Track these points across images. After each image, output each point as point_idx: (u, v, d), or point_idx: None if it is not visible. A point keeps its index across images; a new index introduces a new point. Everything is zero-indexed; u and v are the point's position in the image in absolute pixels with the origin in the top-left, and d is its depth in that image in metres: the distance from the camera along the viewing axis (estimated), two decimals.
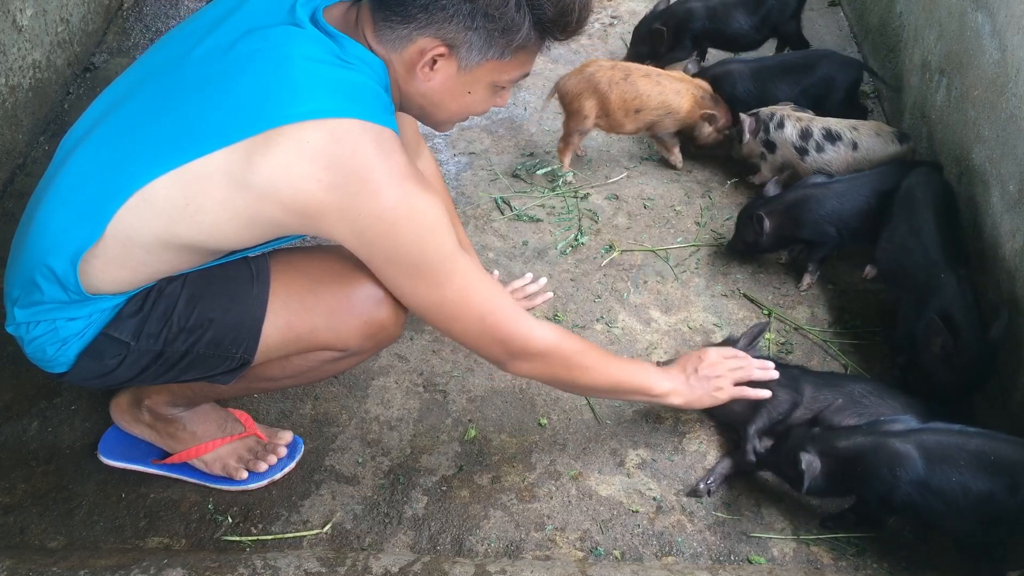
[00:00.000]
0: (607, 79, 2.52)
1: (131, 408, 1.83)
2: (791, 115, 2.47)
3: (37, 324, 1.48)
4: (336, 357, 1.64)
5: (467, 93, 1.48)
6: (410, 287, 1.48)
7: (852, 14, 3.38)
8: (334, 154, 1.32)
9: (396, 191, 1.36)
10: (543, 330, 1.59)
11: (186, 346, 1.51)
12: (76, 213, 1.40)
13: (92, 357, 1.51)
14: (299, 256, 1.64)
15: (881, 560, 1.73)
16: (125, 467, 1.86)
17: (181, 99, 1.38)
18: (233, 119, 1.33)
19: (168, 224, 1.38)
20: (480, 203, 2.59)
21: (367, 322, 1.58)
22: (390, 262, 1.45)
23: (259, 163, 1.32)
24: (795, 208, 2.26)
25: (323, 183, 1.32)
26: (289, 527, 1.77)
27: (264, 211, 1.36)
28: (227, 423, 1.86)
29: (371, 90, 1.40)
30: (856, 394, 1.85)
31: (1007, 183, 2.02)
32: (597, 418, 2.00)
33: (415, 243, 1.42)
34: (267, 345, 1.55)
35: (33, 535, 1.75)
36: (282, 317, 1.54)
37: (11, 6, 2.58)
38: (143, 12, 3.41)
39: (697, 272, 2.39)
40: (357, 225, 1.37)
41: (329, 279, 1.57)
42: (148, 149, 1.37)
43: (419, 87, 1.47)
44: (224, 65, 1.38)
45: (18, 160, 2.64)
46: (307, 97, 1.32)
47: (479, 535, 1.76)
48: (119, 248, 1.40)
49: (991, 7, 2.14)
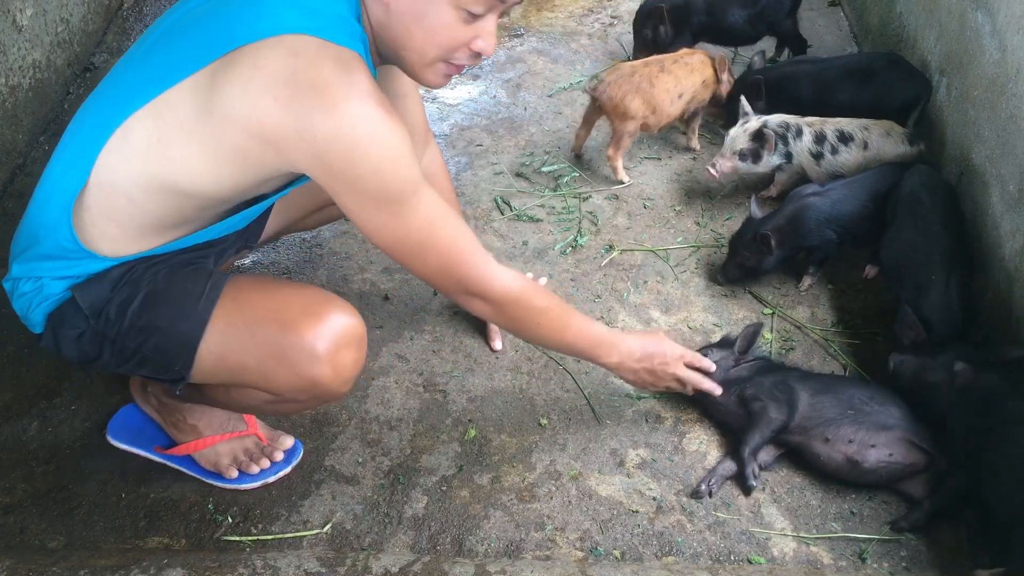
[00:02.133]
0: (647, 75, 2.56)
1: (141, 389, 1.86)
2: (803, 122, 2.43)
3: (27, 280, 1.50)
4: (272, 400, 1.60)
5: (427, 12, 1.39)
6: (372, 218, 1.43)
7: (852, 14, 3.38)
8: (291, 69, 1.29)
9: (355, 108, 1.30)
10: (505, 278, 1.58)
11: (135, 344, 1.51)
12: (66, 160, 1.43)
13: (56, 320, 1.52)
14: (254, 288, 1.57)
15: (881, 560, 1.73)
16: (128, 450, 1.87)
17: (166, 42, 1.41)
18: (201, 47, 1.34)
19: (144, 164, 1.38)
20: (480, 203, 2.59)
21: (299, 376, 1.50)
22: (352, 190, 1.38)
23: (220, 84, 1.31)
24: (796, 220, 2.24)
25: (280, 100, 1.29)
26: (289, 527, 1.77)
27: (228, 138, 1.34)
28: (231, 419, 1.85)
29: (337, 14, 1.37)
30: (856, 400, 1.85)
31: (1007, 183, 2.02)
32: (597, 418, 2.00)
33: (377, 170, 1.36)
34: (201, 368, 1.52)
35: (33, 535, 1.75)
36: (217, 346, 1.50)
37: (11, 6, 2.58)
38: (143, 12, 3.41)
39: (697, 272, 2.39)
40: (316, 148, 1.31)
41: (268, 323, 1.50)
42: (128, 88, 1.39)
43: (384, 16, 1.42)
44: (206, 8, 1.40)
45: (18, 160, 2.64)
46: (269, 17, 1.32)
47: (479, 535, 1.76)
48: (103, 196, 1.42)
49: (991, 7, 2.14)
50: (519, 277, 1.62)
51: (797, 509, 1.82)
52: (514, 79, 3.16)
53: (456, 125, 2.92)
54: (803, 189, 2.32)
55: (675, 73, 2.61)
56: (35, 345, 2.10)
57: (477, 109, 3.00)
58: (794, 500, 1.84)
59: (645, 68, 2.58)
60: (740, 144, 2.41)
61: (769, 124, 2.41)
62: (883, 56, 2.66)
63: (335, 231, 2.47)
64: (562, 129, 2.89)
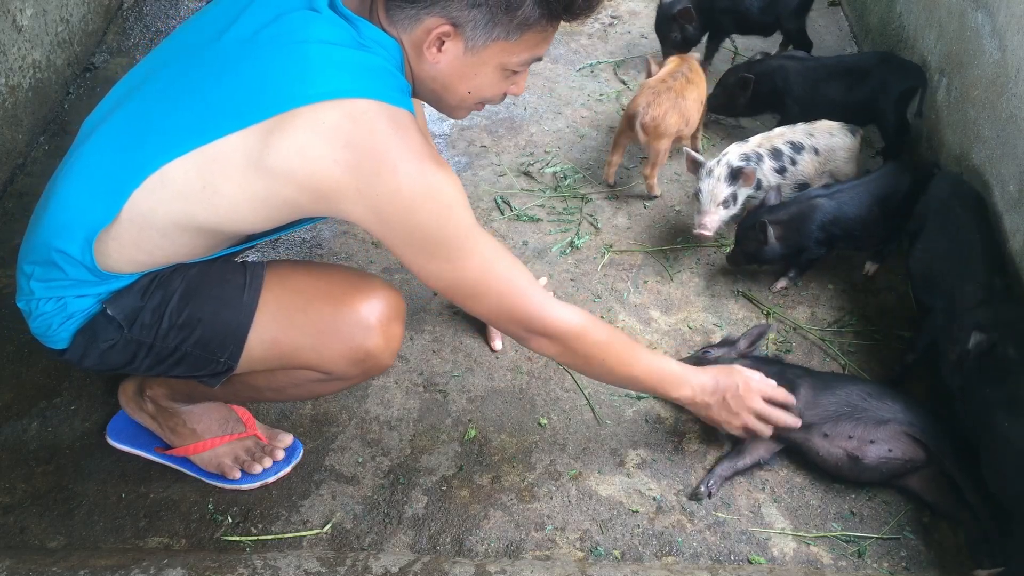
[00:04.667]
0: (677, 89, 2.51)
1: (136, 396, 1.85)
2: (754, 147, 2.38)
3: (49, 300, 1.50)
4: (321, 379, 1.63)
5: (475, 75, 1.47)
6: (429, 265, 1.47)
7: (852, 14, 3.38)
8: (350, 134, 1.32)
9: (413, 168, 1.36)
10: (565, 314, 1.58)
11: (175, 342, 1.52)
12: (92, 193, 1.42)
13: (87, 336, 1.52)
14: (296, 271, 1.62)
15: (881, 560, 1.73)
16: (129, 451, 1.87)
17: (200, 83, 1.39)
18: (249, 102, 1.34)
19: (185, 206, 1.39)
20: (480, 203, 2.59)
21: (353, 348, 1.56)
22: (408, 241, 1.43)
23: (276, 145, 1.32)
24: (799, 218, 2.24)
25: (340, 163, 1.33)
26: (289, 527, 1.77)
27: (281, 193, 1.36)
28: (229, 421, 1.86)
29: (387, 71, 1.40)
30: (855, 396, 1.85)
31: (1007, 183, 2.02)
32: (597, 418, 2.00)
33: (433, 221, 1.40)
34: (251, 355, 1.55)
35: (33, 535, 1.75)
36: (268, 331, 1.53)
37: (11, 6, 2.58)
38: (143, 12, 3.41)
39: (697, 272, 2.39)
40: (375, 204, 1.37)
41: (321, 300, 1.55)
42: (166, 131, 1.38)
43: (429, 70, 1.47)
44: (243, 51, 1.39)
45: (18, 160, 2.64)
46: (323, 79, 1.33)
47: (479, 535, 1.76)
48: (135, 230, 1.42)
49: (991, 7, 2.14)
50: (578, 312, 1.62)
51: (797, 509, 1.82)
52: None
53: (456, 125, 2.92)
54: (810, 191, 2.32)
55: (695, 81, 2.59)
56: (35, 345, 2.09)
57: None
58: (794, 500, 1.84)
59: (673, 82, 2.53)
60: (721, 193, 2.29)
61: (733, 163, 2.31)
62: (874, 55, 2.69)
63: (335, 231, 2.47)
64: (562, 129, 2.89)
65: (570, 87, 3.10)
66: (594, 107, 2.99)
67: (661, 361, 1.72)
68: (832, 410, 1.83)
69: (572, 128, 2.89)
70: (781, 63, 2.73)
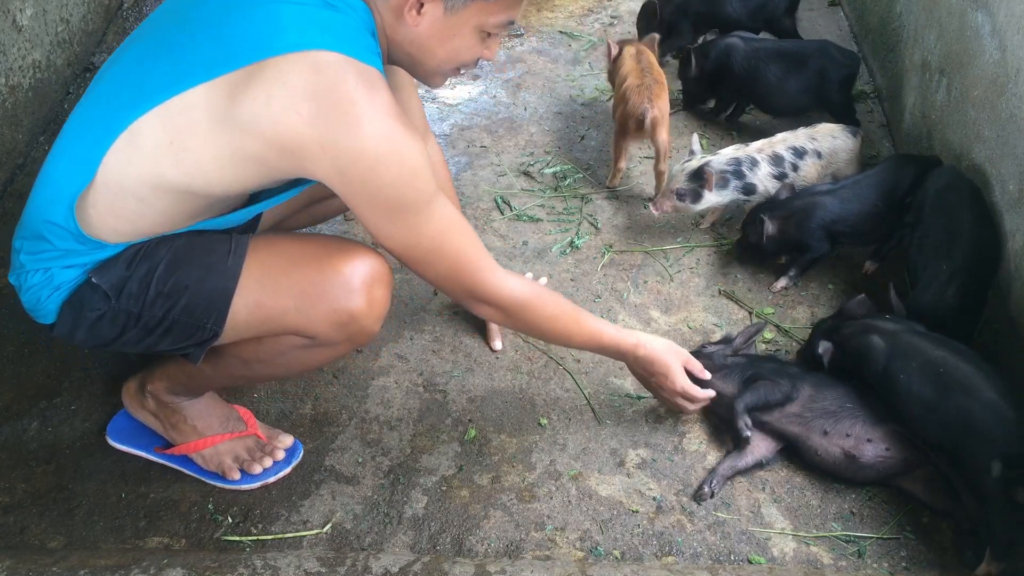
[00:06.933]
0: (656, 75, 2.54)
1: (138, 393, 1.86)
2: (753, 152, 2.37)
3: (36, 272, 1.51)
4: (306, 344, 1.62)
5: (453, 37, 1.49)
6: (386, 227, 1.48)
7: (852, 14, 3.38)
8: (315, 86, 1.32)
9: (378, 126, 1.36)
10: (513, 285, 1.63)
11: (163, 311, 1.52)
12: (71, 159, 1.44)
13: (74, 307, 1.52)
14: (281, 238, 1.65)
15: (881, 560, 1.73)
16: (129, 451, 1.87)
17: (174, 44, 1.41)
18: (215, 55, 1.35)
19: (154, 166, 1.39)
20: (480, 203, 2.59)
21: (337, 310, 1.55)
22: (369, 201, 1.44)
23: (240, 97, 1.32)
24: (801, 214, 2.25)
25: (303, 115, 1.32)
26: (289, 527, 1.77)
27: (246, 147, 1.36)
28: (229, 420, 1.86)
29: (356, 30, 1.41)
30: (854, 394, 1.85)
31: (1007, 183, 2.02)
32: (597, 418, 2.00)
33: (396, 184, 1.41)
34: (236, 320, 1.55)
35: (33, 535, 1.75)
36: (253, 294, 1.54)
37: (11, 6, 2.58)
38: (143, 12, 3.42)
39: (697, 272, 2.39)
40: (338, 162, 1.37)
41: (305, 263, 1.56)
42: (135, 90, 1.39)
43: (407, 33, 1.48)
44: (219, 13, 1.40)
45: (18, 160, 2.64)
46: (292, 32, 1.34)
47: (479, 535, 1.76)
48: (110, 195, 1.42)
49: (991, 7, 2.14)
50: (527, 284, 1.66)
51: (797, 509, 1.82)
52: (514, 79, 3.16)
53: (456, 125, 2.92)
54: (813, 187, 2.33)
55: (655, 66, 2.60)
56: (35, 345, 2.11)
57: (477, 109, 3.00)
58: (794, 500, 1.84)
59: (652, 71, 2.54)
60: (677, 183, 2.32)
61: (713, 164, 2.31)
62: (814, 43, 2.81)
63: (334, 230, 2.46)
64: (562, 129, 2.89)
65: (570, 87, 3.10)
66: (594, 107, 2.99)
67: (601, 336, 1.79)
68: (833, 408, 1.84)
69: (572, 128, 2.89)
70: (728, 40, 2.80)
